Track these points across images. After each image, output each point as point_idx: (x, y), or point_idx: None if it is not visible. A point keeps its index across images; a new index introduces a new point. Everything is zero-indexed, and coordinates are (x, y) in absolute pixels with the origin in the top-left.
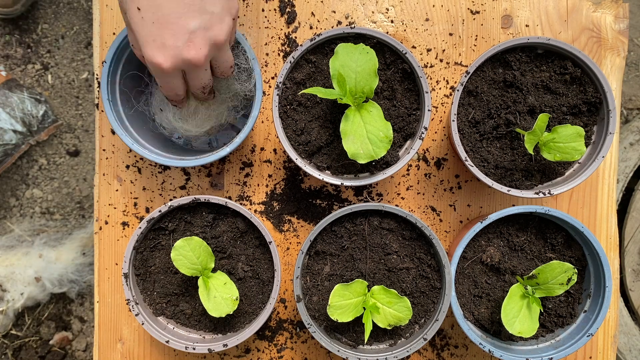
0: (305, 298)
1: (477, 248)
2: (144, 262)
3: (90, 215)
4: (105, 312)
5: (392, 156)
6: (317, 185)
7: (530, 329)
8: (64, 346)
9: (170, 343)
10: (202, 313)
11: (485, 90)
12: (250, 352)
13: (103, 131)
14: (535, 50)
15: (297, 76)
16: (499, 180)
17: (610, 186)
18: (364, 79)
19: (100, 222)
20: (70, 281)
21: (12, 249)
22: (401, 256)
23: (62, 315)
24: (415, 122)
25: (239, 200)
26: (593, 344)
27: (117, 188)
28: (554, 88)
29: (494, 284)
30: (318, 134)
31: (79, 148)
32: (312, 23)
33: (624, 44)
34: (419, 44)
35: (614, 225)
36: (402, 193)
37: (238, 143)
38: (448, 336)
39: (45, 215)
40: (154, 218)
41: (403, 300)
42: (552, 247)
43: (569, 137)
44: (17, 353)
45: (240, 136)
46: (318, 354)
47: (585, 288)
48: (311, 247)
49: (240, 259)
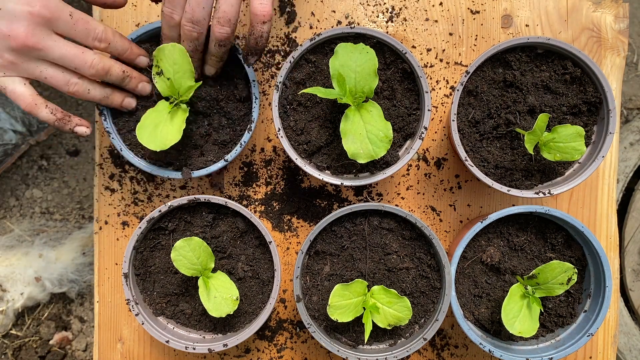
0: (305, 298)
1: (477, 248)
2: (144, 262)
3: (90, 215)
4: (105, 312)
5: (392, 156)
6: (317, 185)
7: (530, 329)
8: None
9: (170, 343)
10: (202, 313)
11: (485, 90)
12: (250, 352)
13: (103, 131)
14: (535, 50)
15: (297, 76)
16: (499, 180)
17: (610, 186)
18: (363, 78)
19: (100, 222)
20: (70, 281)
21: (12, 249)
22: (401, 256)
23: (62, 315)
24: (415, 122)
25: (239, 200)
26: (593, 343)
27: (117, 188)
28: (554, 88)
29: (494, 284)
30: (318, 133)
31: (79, 148)
32: (312, 23)
33: (624, 44)
34: (419, 44)
35: (614, 225)
36: (402, 193)
37: (239, 151)
38: (448, 336)
39: (45, 215)
40: (154, 218)
41: (403, 300)
42: (552, 247)
43: (569, 137)
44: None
45: (241, 143)
46: (318, 354)
47: (585, 288)
48: (311, 247)
49: (240, 259)
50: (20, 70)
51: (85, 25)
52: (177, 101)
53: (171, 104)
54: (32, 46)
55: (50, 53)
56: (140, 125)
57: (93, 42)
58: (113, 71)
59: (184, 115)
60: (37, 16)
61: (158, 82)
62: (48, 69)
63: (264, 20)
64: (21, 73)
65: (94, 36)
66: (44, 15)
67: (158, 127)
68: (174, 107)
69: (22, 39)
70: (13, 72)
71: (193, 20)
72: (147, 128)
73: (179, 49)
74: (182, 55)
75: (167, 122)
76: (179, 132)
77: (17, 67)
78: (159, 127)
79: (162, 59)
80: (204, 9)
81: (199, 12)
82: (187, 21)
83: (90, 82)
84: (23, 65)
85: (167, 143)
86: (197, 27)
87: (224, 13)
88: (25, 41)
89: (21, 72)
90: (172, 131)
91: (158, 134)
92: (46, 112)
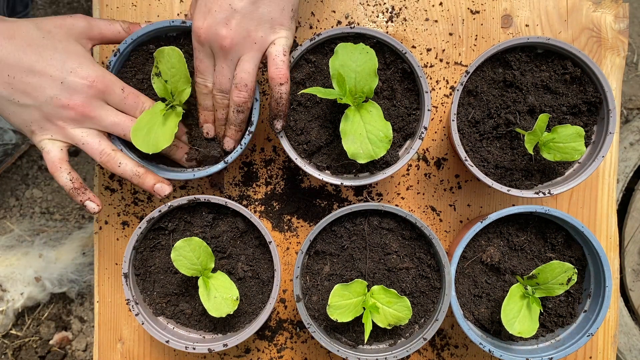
0: (305, 298)
1: (477, 248)
2: (143, 262)
3: (90, 215)
4: (105, 312)
5: (392, 156)
6: (317, 185)
7: (530, 329)
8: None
9: (170, 343)
10: (202, 313)
11: (485, 90)
12: (250, 352)
13: None
14: (535, 50)
15: (296, 76)
16: (498, 180)
17: (610, 186)
18: (363, 78)
19: (100, 222)
20: (70, 281)
21: (12, 248)
22: (401, 256)
23: (62, 315)
24: (415, 121)
25: (239, 200)
26: (593, 343)
27: (117, 188)
28: (554, 88)
29: (494, 284)
30: (318, 133)
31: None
32: (311, 23)
33: (624, 44)
34: (419, 44)
35: (614, 225)
36: (402, 193)
37: (239, 152)
38: (448, 336)
39: (45, 215)
40: (153, 218)
41: (403, 300)
42: (552, 247)
43: (569, 137)
44: (17, 353)
45: (242, 145)
46: (318, 354)
47: (585, 288)
48: (311, 247)
49: (240, 259)
50: (65, 136)
51: (135, 99)
52: (172, 103)
53: (166, 106)
54: (87, 115)
55: (101, 121)
56: (135, 127)
57: (140, 114)
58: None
59: (176, 119)
60: (94, 89)
61: (155, 82)
62: (89, 136)
63: (280, 82)
64: (66, 138)
65: (142, 109)
66: (100, 89)
67: (152, 130)
68: (168, 109)
69: (80, 108)
70: (59, 136)
71: (222, 90)
72: (141, 131)
73: (177, 53)
74: (180, 59)
75: (160, 125)
76: (170, 135)
77: (65, 132)
78: (152, 129)
79: (161, 61)
80: (229, 80)
81: (225, 82)
82: (217, 91)
83: (122, 155)
84: (71, 132)
85: (159, 146)
86: (226, 96)
87: (241, 79)
88: (82, 111)
89: (66, 137)
90: (164, 134)
91: (151, 137)
92: (66, 178)
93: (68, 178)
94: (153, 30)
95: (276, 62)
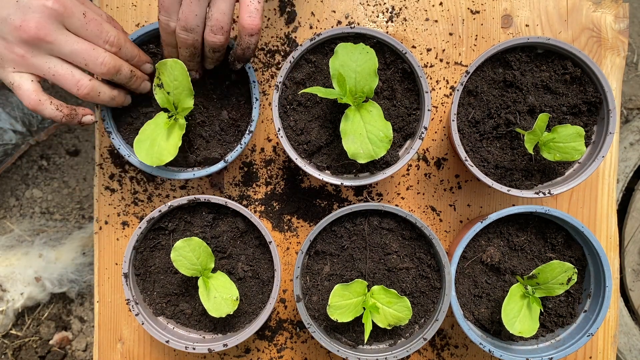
0: (305, 298)
1: (477, 248)
2: (144, 262)
3: (90, 215)
4: (105, 312)
5: (392, 156)
6: (317, 185)
7: (530, 329)
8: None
9: (170, 343)
10: (202, 313)
11: (485, 90)
12: (250, 352)
13: (103, 131)
14: (535, 50)
15: (297, 76)
16: (499, 180)
17: (610, 186)
18: (363, 78)
19: (100, 222)
20: (70, 281)
21: (12, 248)
22: (401, 256)
23: (62, 315)
24: (415, 121)
25: (238, 200)
26: (593, 343)
27: (117, 188)
28: (554, 88)
29: (494, 284)
30: (318, 133)
31: (78, 148)
32: (312, 23)
33: (624, 44)
34: (419, 44)
35: (614, 225)
36: (402, 193)
37: (239, 152)
38: (448, 336)
39: (45, 215)
40: (154, 218)
41: (403, 300)
42: (552, 247)
43: (569, 137)
44: (17, 353)
45: (242, 145)
46: (318, 354)
47: (585, 288)
48: (311, 247)
49: (240, 259)
50: (29, 66)
51: (97, 27)
52: (175, 115)
53: (169, 118)
54: (42, 38)
55: (60, 47)
56: (138, 139)
57: (104, 45)
58: (123, 70)
59: (180, 132)
60: (50, 9)
61: (158, 93)
62: (57, 65)
63: (251, 33)
64: (30, 69)
65: (106, 39)
66: (57, 10)
67: (155, 143)
68: (172, 121)
69: (33, 30)
70: (22, 67)
71: (187, 28)
72: (144, 142)
73: (180, 65)
74: (183, 72)
75: (164, 138)
76: (174, 149)
77: (27, 62)
78: (156, 142)
79: (163, 72)
80: (196, 17)
81: (192, 20)
82: (181, 29)
83: (100, 84)
84: (32, 60)
85: (163, 159)
86: (191, 35)
87: (217, 21)
88: (36, 33)
89: (30, 67)
90: (168, 148)
91: (155, 150)
92: (51, 109)
93: (54, 108)
94: (153, 30)
95: (249, 10)
